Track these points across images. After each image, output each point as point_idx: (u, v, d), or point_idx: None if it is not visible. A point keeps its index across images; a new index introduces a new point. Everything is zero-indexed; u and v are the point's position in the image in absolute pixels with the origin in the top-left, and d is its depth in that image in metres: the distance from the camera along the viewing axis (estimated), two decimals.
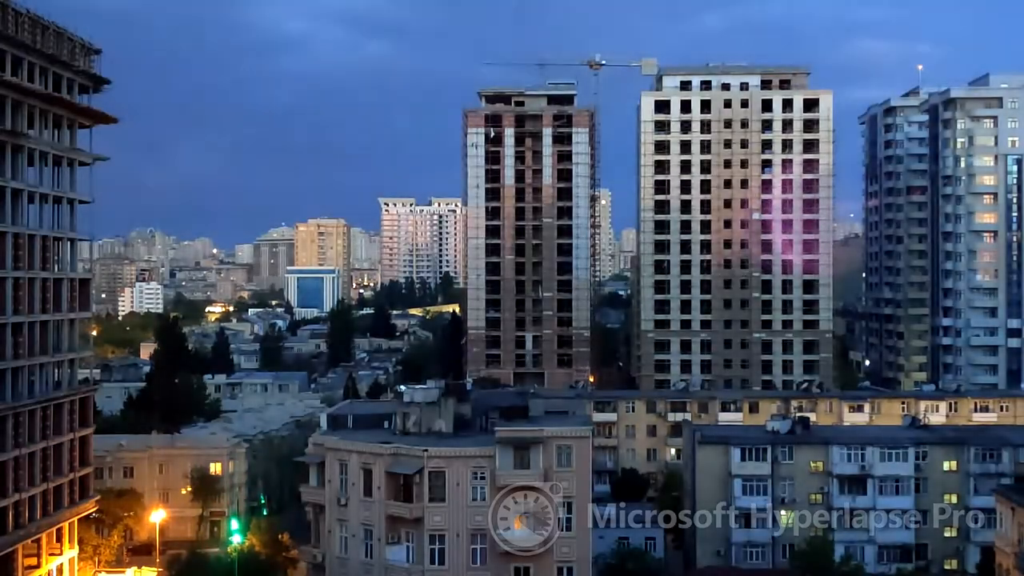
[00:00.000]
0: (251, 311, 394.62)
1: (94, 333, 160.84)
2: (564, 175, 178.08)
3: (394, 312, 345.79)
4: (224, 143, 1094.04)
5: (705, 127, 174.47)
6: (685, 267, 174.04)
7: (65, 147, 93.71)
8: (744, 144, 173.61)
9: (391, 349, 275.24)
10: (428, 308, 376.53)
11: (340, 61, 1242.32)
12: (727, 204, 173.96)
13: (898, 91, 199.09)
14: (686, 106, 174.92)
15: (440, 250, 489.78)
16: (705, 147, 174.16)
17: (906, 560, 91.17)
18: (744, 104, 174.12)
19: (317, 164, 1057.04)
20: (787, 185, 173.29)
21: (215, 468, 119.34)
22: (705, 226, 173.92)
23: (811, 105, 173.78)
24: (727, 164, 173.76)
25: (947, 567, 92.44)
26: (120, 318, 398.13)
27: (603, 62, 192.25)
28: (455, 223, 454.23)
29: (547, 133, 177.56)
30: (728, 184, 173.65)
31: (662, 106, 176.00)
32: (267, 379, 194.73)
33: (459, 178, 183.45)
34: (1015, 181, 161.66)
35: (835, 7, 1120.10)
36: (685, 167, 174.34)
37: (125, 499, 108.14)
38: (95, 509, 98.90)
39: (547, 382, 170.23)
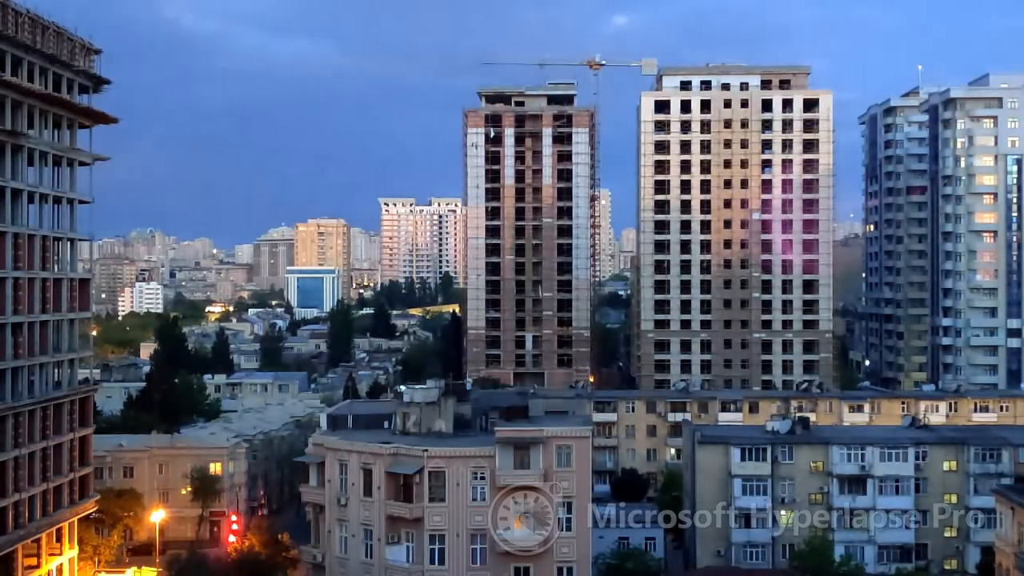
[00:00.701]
0: (251, 311, 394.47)
1: (94, 333, 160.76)
2: (564, 175, 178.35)
3: (394, 312, 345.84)
4: (168, 142, 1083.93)
5: (705, 127, 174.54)
6: (685, 267, 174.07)
7: (65, 147, 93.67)
8: (744, 144, 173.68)
9: (391, 349, 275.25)
10: (428, 308, 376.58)
11: (263, 60, 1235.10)
12: (727, 204, 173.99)
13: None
14: (686, 106, 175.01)
15: (440, 250, 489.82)
16: (705, 147, 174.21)
17: (906, 560, 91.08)
18: (744, 104, 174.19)
19: (274, 165, 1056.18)
20: (787, 185, 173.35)
21: (215, 468, 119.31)
22: (705, 226, 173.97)
23: (811, 105, 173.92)
24: (727, 164, 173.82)
25: (947, 567, 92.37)
26: (120, 318, 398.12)
27: (603, 62, 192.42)
28: (455, 223, 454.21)
29: (547, 133, 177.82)
30: (728, 184, 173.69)
31: (662, 106, 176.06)
32: (267, 379, 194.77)
33: (460, 178, 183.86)
34: (1015, 181, 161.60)
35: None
36: (685, 167, 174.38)
37: (125, 499, 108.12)
38: (95, 509, 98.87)
39: (547, 382, 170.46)
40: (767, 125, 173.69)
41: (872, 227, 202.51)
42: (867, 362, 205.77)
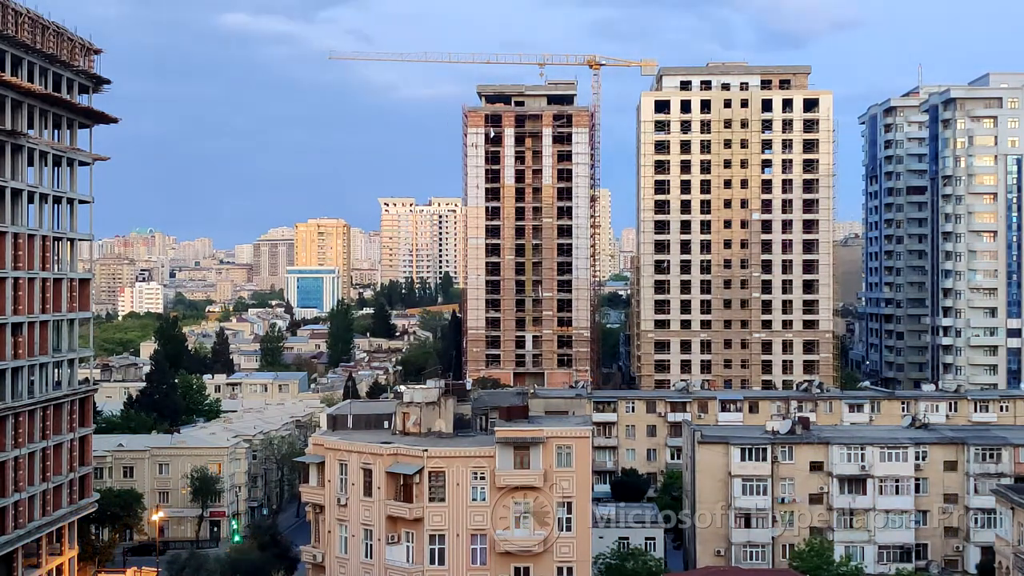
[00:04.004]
0: (251, 311, 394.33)
1: (94, 333, 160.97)
2: (564, 175, 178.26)
3: (394, 312, 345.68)
4: None
5: (705, 127, 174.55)
6: (685, 267, 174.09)
7: (65, 147, 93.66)
8: (744, 144, 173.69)
9: (391, 349, 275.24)
10: (428, 308, 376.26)
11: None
12: (727, 204, 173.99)
13: None
14: (686, 106, 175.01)
15: (440, 250, 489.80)
16: (705, 147, 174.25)
17: (906, 560, 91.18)
18: (744, 104, 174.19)
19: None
20: (787, 185, 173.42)
21: (215, 468, 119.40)
22: (705, 226, 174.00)
23: (811, 105, 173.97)
24: (727, 164, 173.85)
25: (947, 567, 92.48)
26: (120, 318, 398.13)
27: (603, 62, 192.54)
28: (455, 223, 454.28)
29: (547, 133, 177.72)
30: (728, 184, 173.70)
31: (662, 106, 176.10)
32: (267, 379, 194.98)
33: (459, 178, 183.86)
34: (1015, 181, 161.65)
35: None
36: (685, 167, 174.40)
37: (125, 499, 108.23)
38: (95, 509, 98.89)
39: (547, 382, 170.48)
40: (767, 125, 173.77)
41: (872, 227, 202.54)
42: (867, 362, 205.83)
